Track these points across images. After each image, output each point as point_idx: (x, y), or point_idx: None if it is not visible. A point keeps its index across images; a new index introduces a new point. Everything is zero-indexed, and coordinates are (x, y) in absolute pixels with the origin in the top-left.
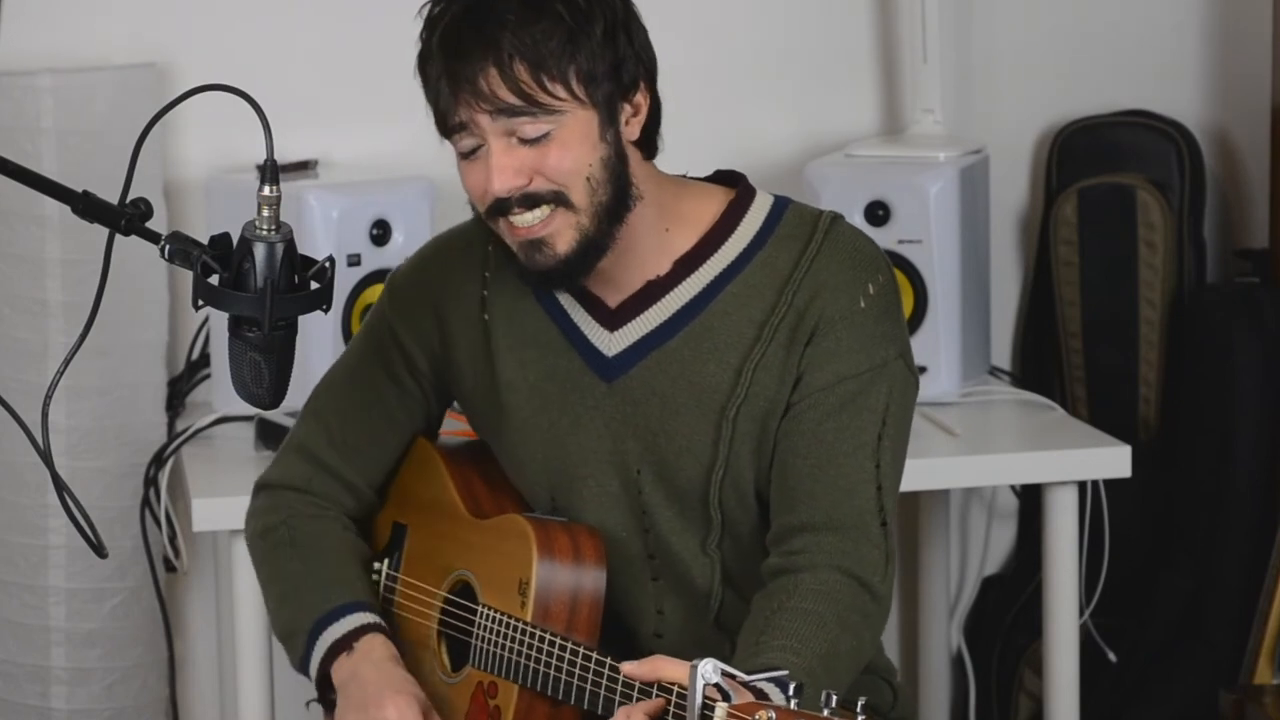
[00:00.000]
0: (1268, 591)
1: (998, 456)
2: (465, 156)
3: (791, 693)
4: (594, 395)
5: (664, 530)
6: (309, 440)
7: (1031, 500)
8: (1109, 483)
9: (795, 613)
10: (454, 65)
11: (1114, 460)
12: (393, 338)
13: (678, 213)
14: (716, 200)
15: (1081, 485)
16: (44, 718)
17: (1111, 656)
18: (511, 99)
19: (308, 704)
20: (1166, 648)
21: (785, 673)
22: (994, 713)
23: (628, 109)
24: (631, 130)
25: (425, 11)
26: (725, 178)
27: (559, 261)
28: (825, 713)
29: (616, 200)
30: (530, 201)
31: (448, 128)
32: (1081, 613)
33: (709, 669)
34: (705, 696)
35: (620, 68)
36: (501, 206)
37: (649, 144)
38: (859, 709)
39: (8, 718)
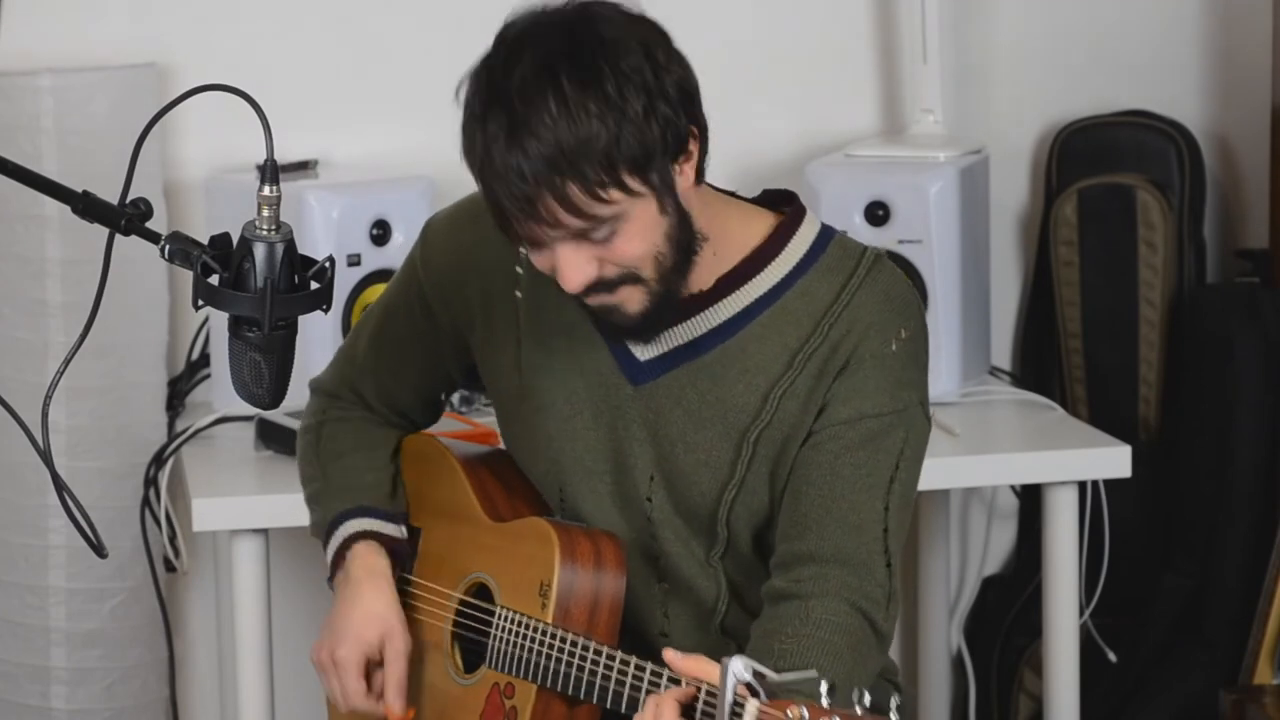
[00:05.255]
0: (1268, 591)
1: (998, 456)
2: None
3: (826, 690)
4: (619, 396)
5: (669, 538)
6: (349, 353)
7: (1031, 500)
8: (1109, 483)
9: (810, 641)
10: (507, 193)
11: (1114, 460)
12: (420, 292)
13: (725, 234)
14: (765, 222)
15: (1081, 485)
16: (44, 718)
17: (1111, 656)
18: (573, 220)
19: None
20: (1166, 648)
21: (814, 674)
22: (994, 713)
23: (681, 167)
24: (686, 179)
25: (464, 102)
26: (775, 196)
27: (635, 320)
28: (858, 710)
29: (683, 257)
30: (603, 287)
31: (509, 233)
32: (1081, 613)
33: (739, 666)
34: (735, 694)
35: (666, 135)
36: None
37: (700, 172)
38: (893, 709)
39: (8, 718)
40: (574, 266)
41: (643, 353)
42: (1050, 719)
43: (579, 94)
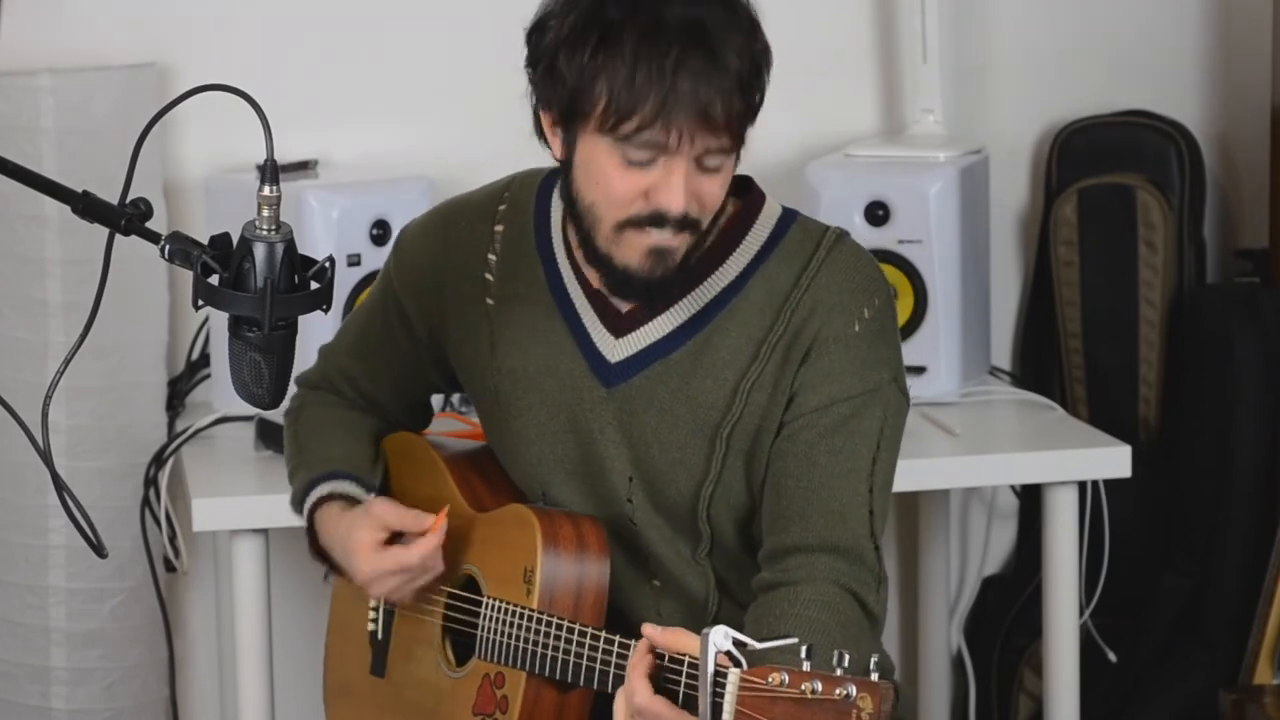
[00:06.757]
0: (1268, 591)
1: (998, 456)
2: (630, 163)
3: (805, 654)
4: (592, 398)
5: (653, 537)
6: (330, 354)
7: (1031, 500)
8: (1109, 483)
9: (799, 620)
10: (690, 89)
11: (1114, 460)
12: (396, 300)
13: None
14: (722, 213)
15: (1081, 485)
16: (44, 718)
17: (1111, 656)
18: (722, 132)
19: (325, 577)
20: (1166, 648)
21: (795, 640)
22: (994, 713)
23: None
24: None
25: (619, 8)
26: (734, 183)
27: (670, 272)
28: (838, 672)
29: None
30: (682, 225)
31: (628, 135)
32: (1081, 613)
33: (720, 636)
34: (717, 664)
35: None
36: (656, 220)
37: None
38: (872, 665)
39: (8, 718)
40: (688, 192)
41: (613, 354)
42: (1050, 719)
43: (752, 35)
